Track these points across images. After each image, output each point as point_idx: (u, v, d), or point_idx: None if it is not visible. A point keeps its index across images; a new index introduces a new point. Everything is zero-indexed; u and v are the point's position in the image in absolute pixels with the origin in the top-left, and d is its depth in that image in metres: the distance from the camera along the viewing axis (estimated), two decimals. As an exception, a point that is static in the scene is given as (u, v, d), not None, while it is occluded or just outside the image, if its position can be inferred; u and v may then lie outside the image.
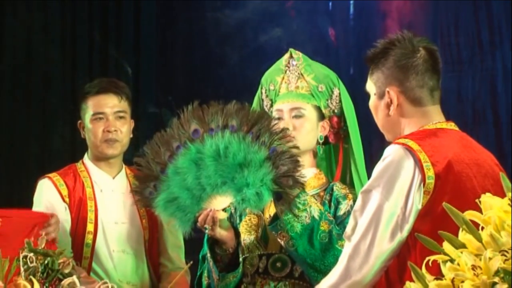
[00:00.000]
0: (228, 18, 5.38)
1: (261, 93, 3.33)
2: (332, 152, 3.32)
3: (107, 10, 5.42)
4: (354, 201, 3.08)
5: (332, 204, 3.13)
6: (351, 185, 3.20)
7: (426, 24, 5.07)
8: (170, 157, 3.04)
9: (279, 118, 3.18)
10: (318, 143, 3.20)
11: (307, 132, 3.17)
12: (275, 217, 3.05)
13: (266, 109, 3.29)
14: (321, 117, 3.21)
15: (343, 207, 3.12)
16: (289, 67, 3.26)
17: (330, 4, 5.37)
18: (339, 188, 3.16)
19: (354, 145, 3.20)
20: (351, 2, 5.32)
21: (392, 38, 2.67)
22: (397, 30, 2.76)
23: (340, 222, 3.08)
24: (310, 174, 3.17)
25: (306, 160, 3.16)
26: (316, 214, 3.02)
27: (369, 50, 2.71)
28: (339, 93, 3.22)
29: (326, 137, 3.22)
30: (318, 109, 3.21)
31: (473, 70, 4.98)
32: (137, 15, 5.43)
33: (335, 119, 3.23)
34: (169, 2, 5.52)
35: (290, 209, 2.98)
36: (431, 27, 5.03)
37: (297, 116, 3.18)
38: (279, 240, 3.04)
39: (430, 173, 2.43)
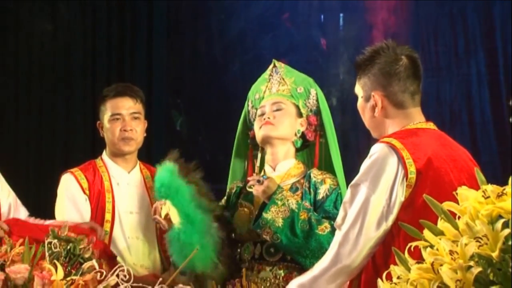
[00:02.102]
0: (230, 29, 5.38)
1: (247, 105, 3.36)
2: (307, 154, 3.33)
3: (123, 26, 5.41)
4: (331, 184, 3.09)
5: (311, 190, 3.13)
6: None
7: (408, 35, 5.06)
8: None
9: (262, 114, 3.19)
10: (296, 135, 3.21)
11: (286, 122, 3.19)
12: (257, 216, 3.04)
13: (252, 119, 3.31)
14: (300, 115, 3.22)
15: (322, 191, 3.11)
16: (272, 76, 3.29)
17: (322, 16, 5.36)
18: (316, 175, 3.17)
19: (329, 139, 3.22)
20: (341, 15, 5.31)
21: (377, 47, 2.66)
22: (382, 40, 2.74)
23: (320, 205, 3.08)
24: (290, 164, 3.18)
25: (287, 151, 3.19)
26: (294, 206, 3.01)
27: (357, 57, 2.70)
28: (316, 94, 3.24)
29: (304, 136, 3.22)
30: (297, 107, 3.22)
31: (450, 75, 4.98)
32: (150, 28, 5.43)
33: (312, 117, 3.25)
34: (178, 15, 5.51)
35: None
36: (413, 37, 5.02)
37: (278, 110, 3.20)
38: (264, 236, 3.02)
39: (412, 168, 2.43)
